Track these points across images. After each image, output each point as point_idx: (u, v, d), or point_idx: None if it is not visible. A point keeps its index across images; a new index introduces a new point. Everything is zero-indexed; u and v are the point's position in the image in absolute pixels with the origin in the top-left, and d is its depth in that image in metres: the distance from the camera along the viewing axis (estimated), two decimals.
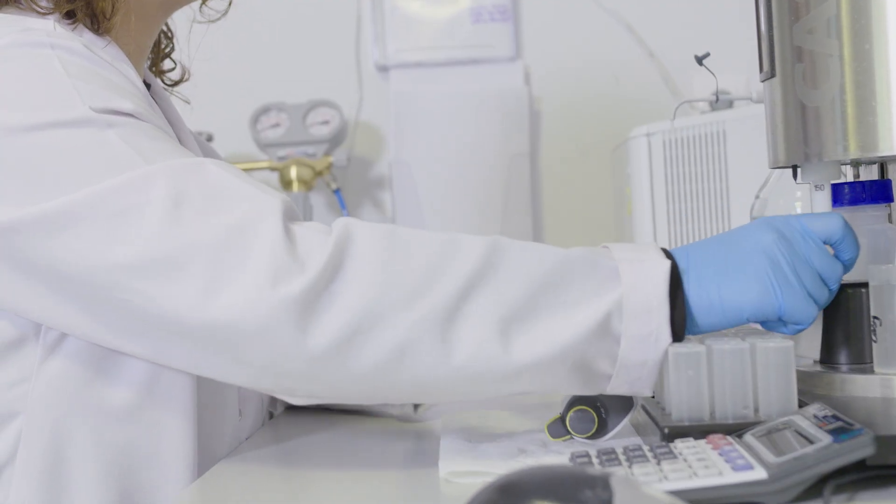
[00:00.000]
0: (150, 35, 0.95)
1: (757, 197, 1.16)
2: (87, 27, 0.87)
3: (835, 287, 0.78)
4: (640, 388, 0.76)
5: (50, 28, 0.83)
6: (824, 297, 0.77)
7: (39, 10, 0.85)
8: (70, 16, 0.86)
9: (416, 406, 1.01)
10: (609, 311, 0.72)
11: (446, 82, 2.28)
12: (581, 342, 0.72)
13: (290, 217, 0.74)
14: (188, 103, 1.08)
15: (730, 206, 1.63)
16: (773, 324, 0.78)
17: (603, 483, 0.52)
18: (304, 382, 0.72)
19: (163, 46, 1.04)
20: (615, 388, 0.76)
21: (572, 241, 0.95)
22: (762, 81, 0.85)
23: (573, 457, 0.71)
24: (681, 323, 0.74)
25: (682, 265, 0.75)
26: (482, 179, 2.29)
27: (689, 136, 1.66)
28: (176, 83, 1.06)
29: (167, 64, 1.06)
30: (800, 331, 0.77)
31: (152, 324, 0.72)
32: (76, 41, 0.82)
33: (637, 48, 2.28)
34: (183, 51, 1.08)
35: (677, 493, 0.60)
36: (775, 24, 0.81)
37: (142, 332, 0.73)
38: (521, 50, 2.31)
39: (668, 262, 0.74)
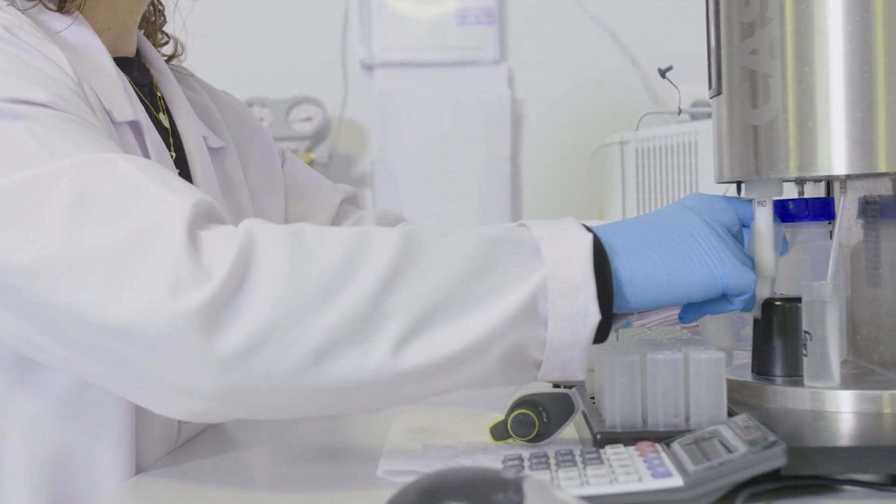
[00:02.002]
0: (131, 11, 0.94)
1: None
2: (54, 5, 0.86)
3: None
4: (572, 372, 0.73)
5: None
6: (750, 264, 0.78)
7: None
8: None
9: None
10: (534, 293, 0.70)
11: (431, 83, 2.31)
12: (507, 328, 0.70)
13: (202, 219, 0.70)
14: (191, 75, 1.07)
15: None
16: (716, 302, 0.77)
17: (515, 486, 0.54)
18: (214, 399, 0.68)
19: (153, 20, 1.03)
20: (546, 373, 0.73)
21: None
22: (710, 98, 0.87)
23: (505, 460, 0.73)
24: (609, 299, 0.72)
25: (611, 241, 0.74)
26: (463, 180, 2.31)
27: (661, 146, 1.69)
28: (170, 58, 1.05)
29: (160, 37, 1.05)
30: (744, 301, 0.77)
31: (56, 332, 0.69)
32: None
33: (620, 55, 2.31)
34: (178, 27, 1.08)
35: (596, 498, 0.63)
36: (723, 42, 0.83)
37: (50, 339, 0.70)
38: (506, 53, 2.34)
39: (589, 236, 0.72)
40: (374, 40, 2.31)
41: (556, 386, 1.09)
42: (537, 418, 0.83)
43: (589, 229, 0.74)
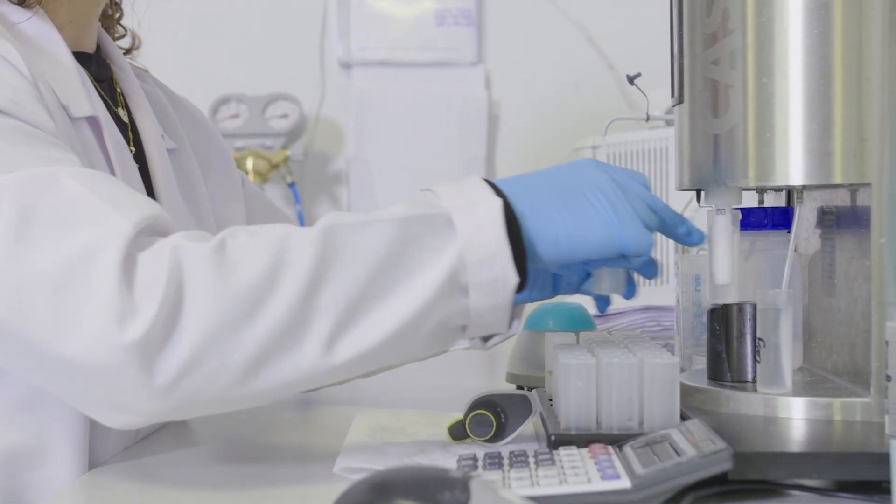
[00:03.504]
0: (94, 4, 0.94)
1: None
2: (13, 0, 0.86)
3: (663, 213, 0.79)
4: (496, 329, 0.75)
5: None
6: (655, 223, 0.78)
7: None
8: None
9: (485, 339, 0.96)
10: (453, 267, 0.71)
11: (408, 82, 2.31)
12: (431, 305, 0.71)
13: (145, 235, 0.71)
14: (146, 71, 1.07)
15: None
16: (614, 261, 0.78)
17: (462, 485, 0.55)
18: (154, 417, 0.71)
19: (111, 13, 1.04)
20: (471, 335, 0.76)
21: None
22: (672, 107, 0.88)
23: (460, 459, 0.74)
24: (522, 260, 0.73)
25: (520, 202, 0.74)
26: (439, 180, 2.31)
27: (632, 151, 1.70)
28: (128, 51, 1.06)
29: (117, 31, 1.05)
30: (642, 263, 0.78)
31: (2, 344, 0.71)
32: None
33: (597, 59, 2.32)
34: (137, 21, 1.07)
35: (545, 499, 0.64)
36: (686, 52, 0.85)
37: (6, 355, 0.72)
38: (483, 55, 2.34)
39: (499, 201, 0.73)
40: (353, 39, 2.32)
41: (519, 388, 1.10)
42: (495, 419, 0.84)
43: (497, 191, 0.74)
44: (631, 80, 1.19)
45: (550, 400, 0.88)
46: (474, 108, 2.31)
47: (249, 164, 2.17)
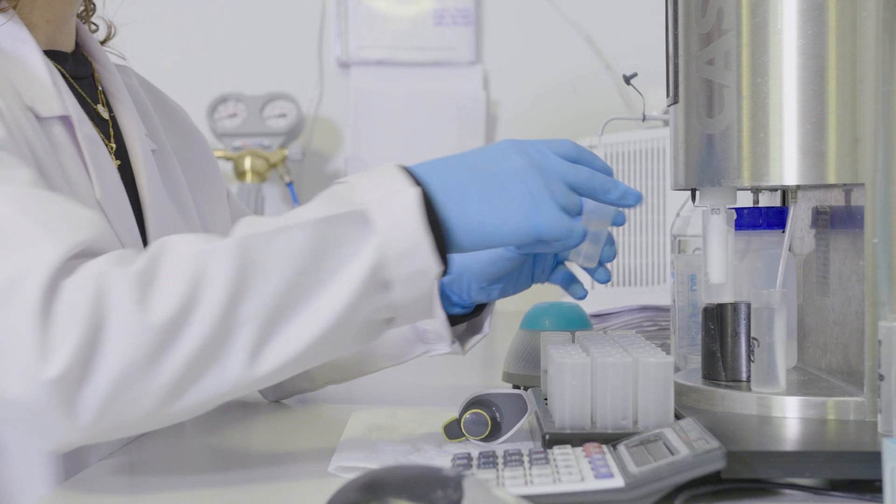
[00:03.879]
0: (70, 3, 0.94)
1: (678, 215, 1.20)
2: None
3: (587, 186, 0.78)
4: (424, 316, 0.75)
5: None
6: (577, 205, 0.77)
7: None
8: None
9: (462, 343, 0.98)
10: (374, 264, 0.71)
11: (406, 82, 2.31)
12: (355, 304, 0.71)
13: (76, 259, 0.69)
14: (124, 59, 1.07)
15: (665, 221, 1.67)
16: (534, 245, 0.78)
17: (455, 484, 0.55)
18: (83, 442, 0.71)
19: (82, 10, 1.03)
20: (399, 325, 0.75)
21: None
22: (668, 107, 0.88)
23: (455, 458, 0.74)
24: (443, 247, 0.73)
25: (437, 190, 0.73)
26: None
27: (629, 151, 1.70)
28: (103, 41, 1.05)
29: (90, 26, 1.04)
30: (563, 246, 0.77)
31: None
32: None
33: (595, 60, 2.33)
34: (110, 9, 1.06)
35: (538, 498, 0.64)
36: (681, 52, 0.85)
37: None
38: (482, 54, 2.35)
39: (416, 190, 0.72)
40: (351, 38, 2.32)
41: (515, 387, 1.10)
42: (490, 418, 0.84)
43: (415, 179, 0.73)
44: (627, 80, 1.19)
45: (546, 399, 0.88)
46: (472, 107, 2.31)
47: (247, 163, 2.17)
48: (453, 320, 0.96)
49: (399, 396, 1.14)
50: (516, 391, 0.86)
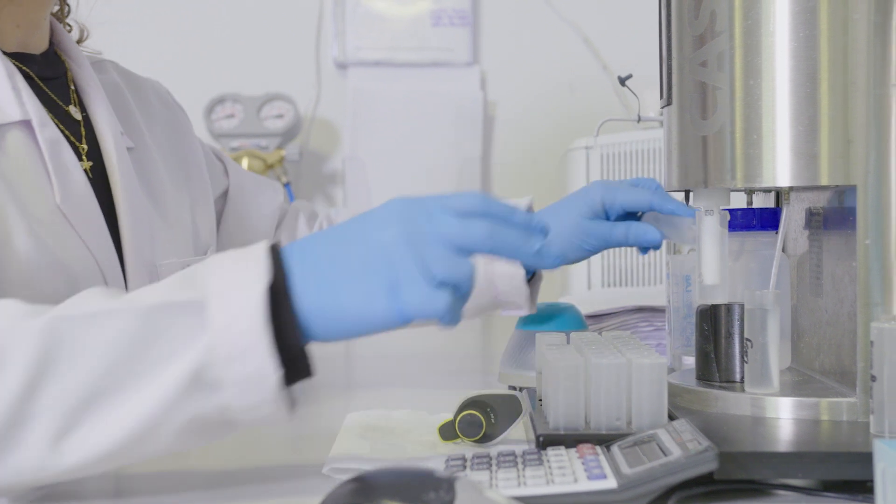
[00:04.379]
0: (41, 6, 0.93)
1: None
2: None
3: (489, 250, 0.68)
4: (276, 420, 0.67)
5: None
6: (465, 273, 0.67)
7: None
8: None
9: None
10: (198, 363, 0.65)
11: (404, 82, 2.32)
12: (174, 403, 0.65)
13: None
14: (100, 53, 1.06)
15: None
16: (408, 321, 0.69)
17: (448, 485, 0.55)
18: None
19: (57, 10, 1.02)
20: (247, 426, 0.68)
21: None
22: (661, 108, 0.88)
23: (448, 459, 0.74)
24: (293, 341, 0.66)
25: (297, 276, 0.66)
26: (434, 180, 2.32)
27: (626, 151, 1.70)
28: (79, 41, 1.04)
29: (65, 26, 1.04)
30: (448, 325, 0.67)
31: None
32: None
33: (592, 60, 2.33)
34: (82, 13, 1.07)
35: (531, 499, 0.64)
36: (674, 54, 0.85)
37: None
38: (479, 55, 2.35)
39: (263, 284, 0.65)
40: (348, 39, 2.32)
41: (511, 388, 1.10)
42: (485, 419, 0.85)
43: (277, 263, 0.67)
44: (622, 81, 1.19)
45: (540, 400, 0.88)
46: (470, 108, 2.32)
47: (245, 163, 2.18)
48: None
49: (394, 398, 1.14)
50: (511, 392, 0.86)
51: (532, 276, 1.12)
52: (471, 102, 2.32)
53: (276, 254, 0.67)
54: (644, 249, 1.04)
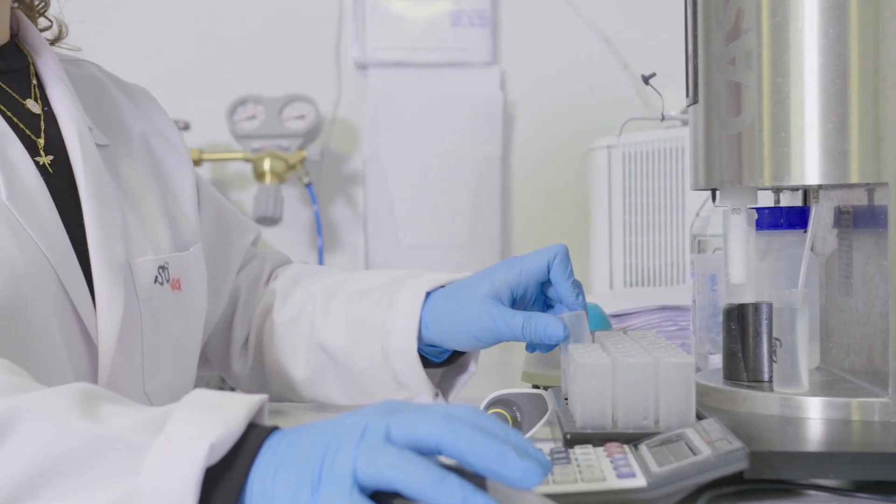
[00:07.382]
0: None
1: (697, 215, 1.19)
2: None
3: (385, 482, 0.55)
4: None
5: None
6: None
7: None
8: None
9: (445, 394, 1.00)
10: (118, 499, 0.57)
11: (424, 83, 2.32)
12: None
13: None
14: (79, 50, 1.04)
15: (684, 221, 1.67)
16: None
17: (479, 482, 0.55)
18: None
19: (35, 3, 1.00)
20: None
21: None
22: (687, 107, 0.88)
23: None
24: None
25: (263, 446, 0.59)
26: (454, 180, 2.32)
27: (648, 151, 1.70)
28: (54, 41, 1.02)
29: (42, 22, 1.02)
30: None
31: None
32: None
33: (612, 60, 2.32)
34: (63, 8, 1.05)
35: (561, 497, 0.64)
36: (700, 52, 0.85)
37: None
38: (498, 55, 2.35)
39: (203, 449, 0.57)
40: (368, 40, 2.32)
41: (535, 386, 1.10)
42: (511, 417, 0.84)
43: (255, 428, 0.59)
44: (646, 80, 1.19)
45: (566, 398, 0.88)
46: (489, 108, 2.31)
47: (266, 164, 2.18)
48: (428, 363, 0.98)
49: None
50: (536, 391, 0.86)
51: (451, 359, 1.00)
52: (491, 102, 2.31)
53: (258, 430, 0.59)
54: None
